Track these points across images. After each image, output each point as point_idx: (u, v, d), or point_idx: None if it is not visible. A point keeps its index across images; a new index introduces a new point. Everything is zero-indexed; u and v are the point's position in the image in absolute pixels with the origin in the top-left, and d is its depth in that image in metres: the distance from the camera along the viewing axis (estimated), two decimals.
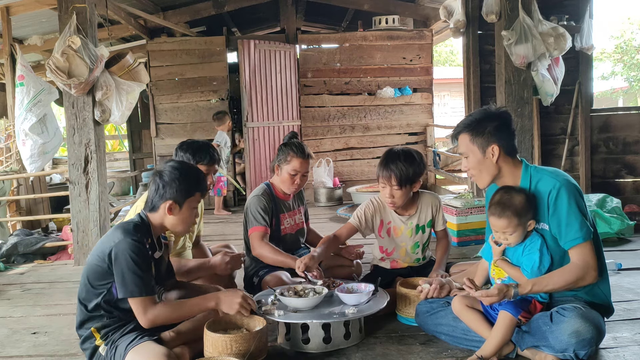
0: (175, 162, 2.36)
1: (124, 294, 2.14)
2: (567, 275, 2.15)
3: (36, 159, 5.26)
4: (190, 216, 2.30)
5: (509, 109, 4.39)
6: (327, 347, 2.42)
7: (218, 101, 7.34)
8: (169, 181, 2.25)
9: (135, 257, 2.11)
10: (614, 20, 41.30)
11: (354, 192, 6.69)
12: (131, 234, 2.15)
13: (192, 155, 2.91)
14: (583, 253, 2.17)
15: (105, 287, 2.18)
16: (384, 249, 3.08)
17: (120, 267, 2.11)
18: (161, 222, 2.28)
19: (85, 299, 2.22)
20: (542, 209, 2.24)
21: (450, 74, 18.99)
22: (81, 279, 2.25)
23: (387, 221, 3.03)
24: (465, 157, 2.35)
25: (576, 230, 2.16)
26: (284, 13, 7.65)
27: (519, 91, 4.43)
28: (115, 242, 2.13)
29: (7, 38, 5.84)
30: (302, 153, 3.08)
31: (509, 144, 2.31)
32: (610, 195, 4.70)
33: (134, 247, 2.13)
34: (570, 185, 2.23)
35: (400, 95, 7.58)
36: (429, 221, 3.05)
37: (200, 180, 2.35)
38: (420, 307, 2.55)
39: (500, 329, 2.15)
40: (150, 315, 2.15)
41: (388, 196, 2.87)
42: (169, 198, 2.24)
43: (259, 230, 3.04)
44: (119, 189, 10.32)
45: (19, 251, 4.73)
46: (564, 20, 5.34)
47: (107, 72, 4.31)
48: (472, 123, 2.33)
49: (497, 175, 2.33)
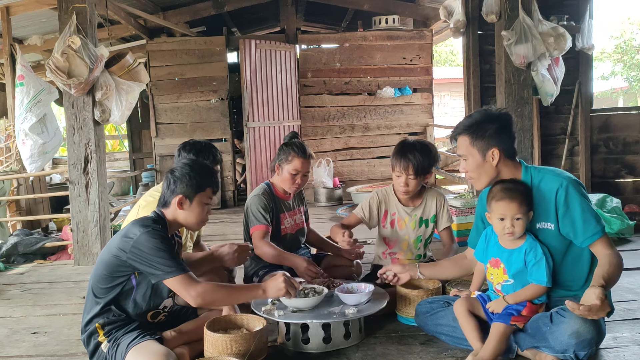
0: (187, 159, 2.41)
1: (159, 277, 2.13)
2: (614, 265, 2.12)
3: (36, 159, 5.26)
4: (202, 211, 2.32)
5: (509, 109, 4.39)
6: (327, 347, 2.42)
7: (218, 101, 7.34)
8: (179, 176, 2.29)
9: (159, 242, 2.13)
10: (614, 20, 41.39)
11: (353, 192, 6.70)
12: (150, 226, 2.18)
13: (195, 155, 2.91)
14: (608, 243, 2.18)
15: (123, 277, 2.18)
16: (387, 241, 3.11)
17: (146, 256, 2.12)
18: (174, 217, 2.30)
19: (99, 292, 2.21)
20: (548, 208, 2.22)
21: (450, 74, 19.00)
22: (95, 272, 2.23)
23: (392, 212, 3.08)
24: (465, 159, 2.34)
25: (594, 225, 2.16)
26: (284, 13, 7.65)
27: (519, 91, 4.43)
28: (136, 235, 2.14)
29: (7, 38, 5.83)
30: (303, 153, 3.09)
31: (509, 146, 2.29)
32: (610, 195, 4.70)
33: (155, 234, 2.15)
34: (576, 182, 2.22)
35: (400, 95, 7.59)
36: (433, 216, 3.08)
37: (212, 176, 2.38)
38: (420, 308, 2.55)
39: (493, 339, 2.15)
40: (195, 292, 2.13)
41: (403, 185, 2.92)
42: (179, 193, 2.27)
43: (260, 229, 3.04)
44: (119, 189, 10.33)
45: (19, 251, 4.73)
46: (564, 20, 5.34)
47: (107, 72, 4.31)
48: (473, 125, 2.30)
49: (496, 177, 2.31)
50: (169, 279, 2.14)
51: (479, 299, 2.34)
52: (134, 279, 2.19)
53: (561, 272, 2.26)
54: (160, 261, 2.12)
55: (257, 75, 7.02)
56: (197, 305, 2.19)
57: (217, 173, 2.97)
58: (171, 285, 2.16)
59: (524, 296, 2.20)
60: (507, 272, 2.26)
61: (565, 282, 2.27)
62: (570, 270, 2.26)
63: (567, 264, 2.26)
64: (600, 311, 1.92)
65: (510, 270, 2.25)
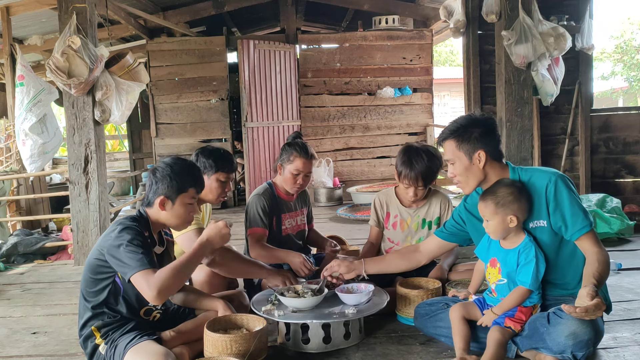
0: (170, 158, 2.36)
1: (126, 274, 2.09)
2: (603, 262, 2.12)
3: (36, 159, 5.26)
4: (184, 212, 2.29)
5: (508, 109, 4.41)
6: (327, 347, 2.42)
7: (218, 101, 7.34)
8: (160, 177, 2.27)
9: (130, 239, 2.10)
10: (614, 20, 41.37)
11: (353, 192, 6.69)
12: (126, 223, 2.17)
13: (214, 162, 2.87)
14: (595, 239, 2.19)
15: (108, 279, 2.17)
16: (391, 240, 3.15)
17: (116, 253, 2.10)
18: (157, 217, 2.29)
19: (89, 295, 2.21)
20: (539, 205, 2.23)
21: (450, 74, 19.00)
22: (83, 276, 2.24)
23: (394, 214, 3.11)
24: (452, 164, 2.35)
25: (583, 219, 2.17)
26: (284, 13, 7.64)
27: (519, 91, 4.42)
28: (113, 232, 2.15)
29: (7, 38, 5.84)
30: (305, 153, 3.09)
31: (495, 149, 2.31)
32: (610, 195, 4.70)
33: (129, 231, 2.13)
34: (564, 177, 2.25)
35: (400, 95, 7.58)
36: (437, 218, 3.09)
37: (195, 176, 2.34)
38: (419, 310, 2.54)
39: (492, 345, 2.14)
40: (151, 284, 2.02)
41: (412, 195, 2.96)
42: (161, 194, 2.26)
43: (257, 233, 3.06)
44: (119, 189, 10.33)
45: (19, 251, 4.73)
46: (564, 20, 5.35)
47: (107, 72, 4.31)
48: (458, 129, 2.32)
49: (483, 180, 2.33)
50: (133, 275, 2.06)
51: (476, 303, 2.35)
52: (118, 278, 2.18)
53: (556, 271, 2.26)
54: (128, 257, 2.07)
55: (256, 75, 7.01)
56: (159, 299, 2.05)
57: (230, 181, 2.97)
58: (135, 282, 2.07)
59: (510, 303, 2.20)
60: (501, 272, 2.28)
61: (561, 280, 2.27)
62: (565, 268, 2.26)
63: (562, 262, 2.26)
64: (597, 310, 1.92)
65: (504, 270, 2.26)
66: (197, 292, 2.57)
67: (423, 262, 2.68)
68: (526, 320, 2.20)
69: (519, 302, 2.20)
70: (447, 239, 2.59)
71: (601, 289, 2.22)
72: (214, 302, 2.46)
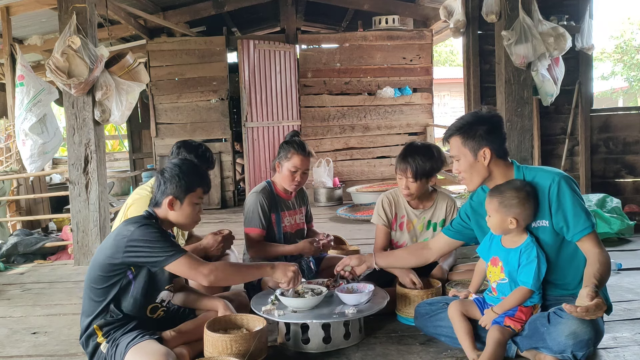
0: (178, 159, 2.41)
1: (162, 263, 2.15)
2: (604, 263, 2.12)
3: (36, 159, 5.26)
4: (192, 212, 2.33)
5: (509, 109, 4.40)
6: (327, 347, 2.42)
7: (218, 101, 7.34)
8: (169, 177, 2.30)
9: (154, 233, 2.17)
10: (614, 20, 41.38)
11: (353, 192, 6.69)
12: (142, 222, 2.21)
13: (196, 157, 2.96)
14: (597, 240, 2.18)
15: (120, 274, 2.18)
16: (395, 241, 3.14)
17: (144, 247, 2.14)
18: (165, 217, 2.32)
19: (97, 294, 2.20)
20: (542, 205, 2.23)
21: (450, 74, 19.00)
22: (89, 275, 2.23)
23: (401, 215, 3.10)
24: (457, 160, 2.36)
25: (585, 220, 2.17)
26: (284, 13, 7.65)
27: (519, 91, 4.42)
28: (130, 231, 2.16)
29: (7, 38, 5.84)
30: (302, 150, 3.11)
31: (500, 147, 2.32)
32: (610, 195, 4.70)
33: (149, 227, 2.18)
34: (568, 178, 2.25)
35: (400, 95, 7.58)
36: (442, 220, 3.08)
37: (202, 176, 2.39)
38: (419, 310, 2.54)
39: (491, 345, 2.14)
40: (206, 269, 2.19)
41: (403, 187, 2.96)
42: (170, 194, 2.29)
43: (254, 232, 3.08)
44: (119, 189, 10.31)
45: (19, 251, 4.73)
46: (564, 20, 5.34)
47: (107, 72, 4.31)
48: (464, 126, 2.33)
49: (488, 177, 2.33)
50: (173, 262, 2.15)
51: (476, 302, 2.35)
52: (130, 273, 2.19)
53: (557, 271, 2.26)
54: (161, 247, 2.15)
55: (256, 75, 7.01)
56: (210, 283, 2.22)
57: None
58: (177, 268, 2.18)
59: (511, 303, 2.20)
60: (503, 271, 2.28)
61: (561, 280, 2.27)
62: (566, 269, 2.27)
63: (563, 262, 2.26)
64: (597, 310, 1.92)
65: (506, 268, 2.27)
66: (198, 293, 2.58)
67: (432, 259, 2.68)
68: (526, 320, 2.21)
69: (520, 302, 2.20)
70: (454, 236, 2.59)
71: (601, 290, 2.23)
72: (214, 302, 2.47)
